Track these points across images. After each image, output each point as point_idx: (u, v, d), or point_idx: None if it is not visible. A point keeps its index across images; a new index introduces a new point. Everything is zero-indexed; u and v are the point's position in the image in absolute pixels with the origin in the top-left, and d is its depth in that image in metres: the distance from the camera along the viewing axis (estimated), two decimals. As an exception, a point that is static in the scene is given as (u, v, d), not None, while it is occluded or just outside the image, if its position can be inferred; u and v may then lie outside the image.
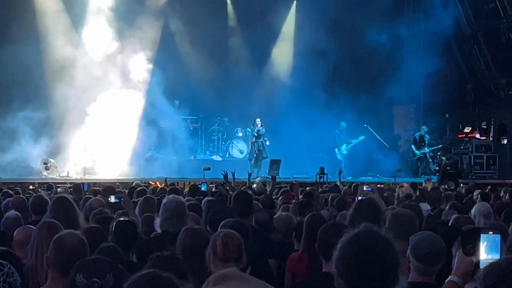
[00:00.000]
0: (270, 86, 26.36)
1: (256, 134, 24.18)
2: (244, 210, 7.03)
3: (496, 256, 3.40)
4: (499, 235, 3.48)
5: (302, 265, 5.80)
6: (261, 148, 24.20)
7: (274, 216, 7.61)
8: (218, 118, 26.06)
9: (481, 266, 3.40)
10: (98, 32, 23.93)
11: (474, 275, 3.55)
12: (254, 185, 14.92)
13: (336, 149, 25.57)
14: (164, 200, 6.55)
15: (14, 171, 22.12)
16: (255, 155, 24.18)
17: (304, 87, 25.59)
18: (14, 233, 6.35)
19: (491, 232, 3.48)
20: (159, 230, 6.58)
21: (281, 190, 13.21)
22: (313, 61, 25.10)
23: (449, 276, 3.63)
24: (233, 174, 15.55)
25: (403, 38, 25.78)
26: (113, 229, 6.10)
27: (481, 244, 3.45)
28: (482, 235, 3.46)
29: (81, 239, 4.42)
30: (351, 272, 2.88)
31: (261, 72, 26.78)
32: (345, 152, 25.50)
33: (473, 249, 3.50)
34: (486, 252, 3.44)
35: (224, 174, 14.82)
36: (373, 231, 2.99)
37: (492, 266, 3.04)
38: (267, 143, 24.38)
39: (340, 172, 17.62)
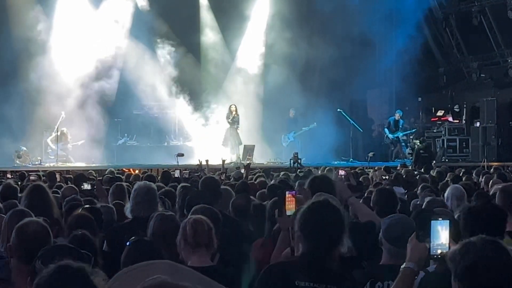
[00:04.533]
0: (242, 72, 26.19)
1: (231, 121, 23.93)
2: (211, 195, 6.94)
3: (445, 242, 3.53)
4: (448, 221, 3.58)
5: (266, 250, 5.73)
6: (236, 134, 24.00)
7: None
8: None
9: (432, 252, 3.57)
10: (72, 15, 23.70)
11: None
12: (231, 173, 14.80)
13: (283, 136, 25.35)
14: (135, 186, 6.52)
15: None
16: (230, 142, 23.91)
17: (277, 73, 25.45)
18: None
19: (440, 219, 3.59)
20: (129, 216, 6.52)
21: (256, 175, 13.18)
22: (286, 49, 25.09)
23: (405, 263, 3.68)
24: (207, 161, 15.48)
25: (376, 22, 25.68)
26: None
27: (431, 230, 3.56)
28: (432, 221, 3.56)
29: (44, 226, 4.32)
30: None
31: (233, 58, 26.55)
32: (292, 139, 25.17)
33: (424, 236, 3.60)
34: (436, 238, 3.55)
35: (199, 161, 14.78)
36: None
37: (467, 246, 3.01)
38: (238, 130, 24.07)
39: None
